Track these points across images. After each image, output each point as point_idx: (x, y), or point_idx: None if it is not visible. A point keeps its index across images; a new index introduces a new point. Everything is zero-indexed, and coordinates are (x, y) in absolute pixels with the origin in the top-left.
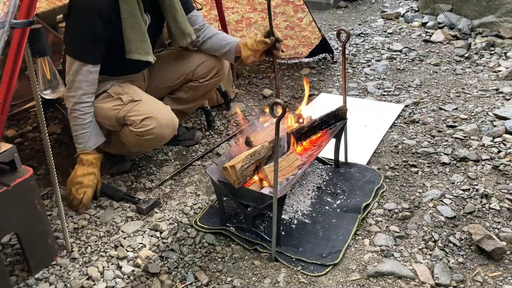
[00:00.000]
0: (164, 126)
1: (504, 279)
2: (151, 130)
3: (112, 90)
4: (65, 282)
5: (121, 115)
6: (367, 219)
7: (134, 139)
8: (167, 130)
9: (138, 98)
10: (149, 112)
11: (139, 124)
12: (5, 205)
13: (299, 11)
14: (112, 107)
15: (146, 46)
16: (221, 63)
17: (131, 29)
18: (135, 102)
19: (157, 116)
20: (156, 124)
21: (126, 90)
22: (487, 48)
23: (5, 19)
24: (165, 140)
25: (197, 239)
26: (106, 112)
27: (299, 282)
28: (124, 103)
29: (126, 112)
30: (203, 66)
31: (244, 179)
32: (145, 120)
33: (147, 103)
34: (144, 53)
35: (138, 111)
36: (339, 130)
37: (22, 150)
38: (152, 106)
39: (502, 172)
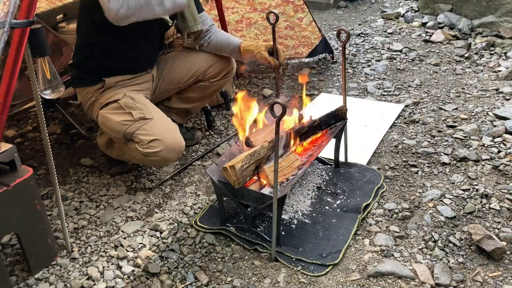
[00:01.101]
0: (171, 150)
1: (504, 279)
2: (157, 153)
3: (124, 102)
4: (65, 282)
5: (129, 132)
6: (367, 219)
7: (139, 157)
8: (173, 154)
9: (149, 117)
10: (158, 134)
11: (146, 145)
12: (5, 205)
13: (299, 11)
14: (121, 122)
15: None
16: (231, 64)
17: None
18: (146, 120)
19: (165, 140)
20: (163, 148)
21: (138, 105)
22: (487, 48)
23: (5, 19)
24: (170, 162)
25: (197, 239)
26: (115, 125)
27: (299, 282)
28: (134, 119)
29: (135, 130)
30: (215, 67)
31: (244, 179)
32: (153, 142)
33: (157, 123)
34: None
35: (147, 130)
36: (339, 130)
37: (22, 150)
38: (162, 127)
39: (502, 172)
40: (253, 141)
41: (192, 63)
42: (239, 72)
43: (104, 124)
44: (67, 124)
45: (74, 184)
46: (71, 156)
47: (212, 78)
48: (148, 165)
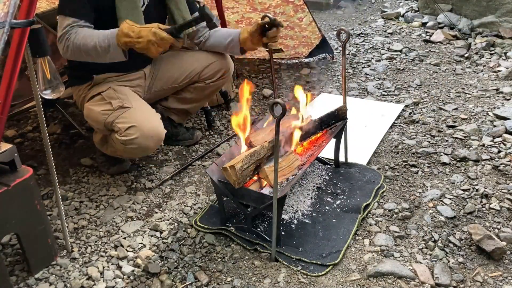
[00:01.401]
0: (148, 137)
1: (504, 279)
2: (134, 139)
3: (106, 94)
4: (65, 282)
5: (109, 121)
6: (367, 219)
7: (120, 147)
8: (150, 142)
9: (128, 105)
10: (135, 121)
11: (123, 132)
12: (5, 205)
13: (299, 11)
14: (102, 111)
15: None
16: (227, 65)
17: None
18: (124, 108)
19: (141, 126)
20: (139, 134)
21: (119, 95)
22: (487, 48)
23: (5, 19)
24: (149, 150)
25: (197, 239)
26: (96, 115)
27: (299, 282)
28: (113, 108)
29: (114, 118)
30: (210, 68)
31: (244, 179)
32: (130, 129)
33: (135, 111)
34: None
35: (125, 118)
36: (339, 130)
37: (22, 150)
38: (140, 114)
39: (502, 172)
40: (253, 141)
41: (188, 64)
42: (239, 72)
43: (88, 117)
44: (67, 124)
45: (74, 184)
46: (71, 156)
47: (207, 79)
48: (132, 156)
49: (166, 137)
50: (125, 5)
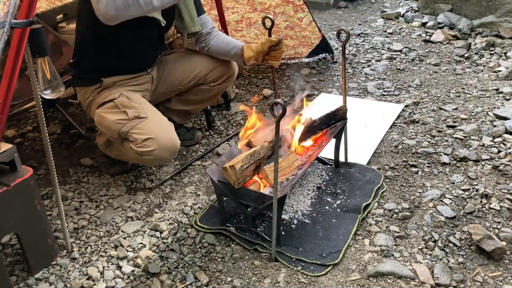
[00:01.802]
0: (165, 150)
1: (504, 279)
2: (151, 152)
3: (119, 101)
4: (65, 282)
5: (124, 130)
6: (367, 219)
7: (134, 156)
8: (167, 153)
9: (144, 115)
10: (152, 133)
11: (140, 144)
12: (5, 205)
13: (299, 11)
14: (116, 120)
15: None
16: (232, 69)
17: None
18: (140, 119)
19: (159, 139)
20: (157, 147)
21: (133, 103)
22: (487, 48)
23: (5, 19)
24: (165, 161)
25: (197, 239)
26: (110, 124)
27: (299, 282)
28: (129, 118)
29: (130, 128)
30: (216, 70)
31: (244, 179)
32: (147, 140)
33: (151, 122)
34: None
35: (141, 129)
36: (339, 130)
37: (22, 150)
38: (156, 126)
39: (502, 172)
40: (253, 141)
41: (193, 66)
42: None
43: (100, 123)
44: (67, 124)
45: (74, 184)
46: (71, 156)
47: (213, 82)
48: (145, 164)
49: None
50: None
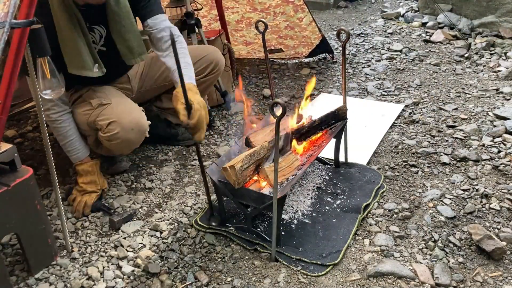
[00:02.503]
0: (129, 130)
1: (504, 279)
2: (116, 134)
3: (86, 95)
4: (65, 282)
5: (91, 120)
6: (367, 219)
7: (106, 144)
8: (132, 134)
9: (107, 102)
10: (115, 116)
11: (105, 129)
12: (5, 205)
13: (299, 11)
14: (83, 112)
15: (80, 61)
16: (217, 60)
17: (63, 42)
18: (104, 106)
19: (121, 120)
20: (120, 129)
21: (98, 94)
22: (487, 48)
23: (5, 19)
24: (133, 144)
25: (197, 239)
26: (80, 117)
27: (299, 282)
28: (93, 107)
29: (96, 117)
30: (199, 63)
31: (244, 179)
32: (110, 124)
33: (114, 106)
34: (80, 68)
35: (105, 115)
36: (339, 130)
37: (22, 150)
38: (119, 109)
39: (502, 172)
40: (253, 141)
41: None
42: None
43: (75, 119)
44: None
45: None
46: None
47: (198, 75)
48: (121, 153)
49: (165, 137)
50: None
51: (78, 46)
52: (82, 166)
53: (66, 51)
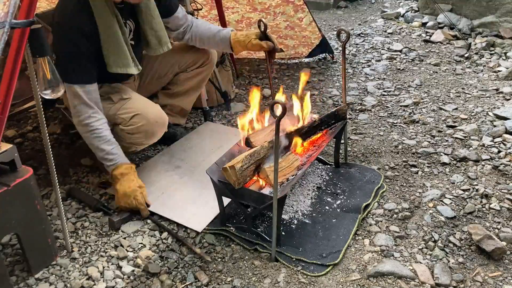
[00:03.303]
0: (153, 123)
1: (504, 279)
2: (141, 127)
3: (102, 91)
4: (65, 282)
5: (112, 113)
6: (367, 219)
7: (126, 137)
8: (156, 127)
9: (127, 96)
10: (138, 109)
11: (128, 122)
12: (5, 205)
13: (299, 11)
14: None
15: (124, 58)
16: (206, 53)
17: (108, 43)
18: (125, 100)
19: (146, 113)
20: (145, 122)
21: (116, 89)
22: (487, 48)
23: (5, 19)
24: (156, 136)
25: (197, 239)
26: None
27: (299, 282)
28: (114, 102)
29: (116, 111)
30: (188, 56)
31: (244, 179)
32: (134, 117)
33: (136, 101)
34: (123, 66)
35: (127, 109)
36: (339, 130)
37: (22, 150)
38: (141, 103)
39: (502, 172)
40: (253, 141)
41: (167, 56)
42: (239, 72)
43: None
44: (67, 124)
45: (74, 184)
46: (71, 156)
47: (189, 67)
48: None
49: (165, 138)
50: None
51: (121, 44)
52: (120, 170)
53: (111, 50)
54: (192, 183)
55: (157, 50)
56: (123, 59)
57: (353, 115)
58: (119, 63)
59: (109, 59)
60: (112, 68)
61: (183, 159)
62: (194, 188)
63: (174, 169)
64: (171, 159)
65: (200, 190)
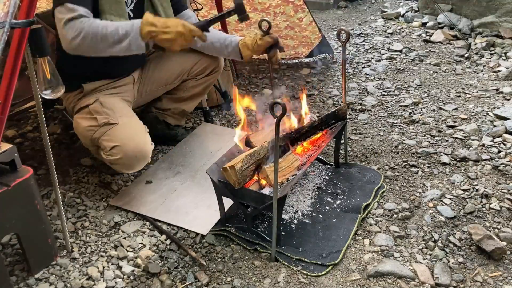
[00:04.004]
0: (132, 157)
1: (504, 279)
2: (118, 160)
3: (92, 107)
4: (65, 282)
5: (95, 137)
6: (367, 219)
7: (108, 163)
8: (135, 161)
9: (114, 122)
10: (119, 140)
11: (108, 152)
12: (5, 205)
13: (299, 11)
14: (87, 127)
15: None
16: (217, 60)
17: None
18: (110, 125)
19: (125, 146)
20: (123, 155)
21: (105, 109)
22: (487, 48)
23: (5, 19)
24: (135, 169)
25: (197, 239)
26: (82, 131)
27: (299, 282)
28: (99, 125)
29: (100, 135)
30: (199, 64)
31: (244, 179)
32: (114, 148)
33: (121, 128)
34: (117, 15)
35: (110, 136)
36: (339, 130)
37: (22, 150)
38: (125, 132)
39: (502, 172)
40: (253, 141)
41: (177, 62)
42: (239, 72)
43: (76, 130)
44: (67, 124)
45: (74, 184)
46: (71, 156)
47: (198, 75)
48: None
49: (164, 139)
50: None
51: None
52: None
53: None
54: (194, 188)
55: None
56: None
57: (353, 115)
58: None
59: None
60: (106, 15)
61: (183, 164)
62: (196, 193)
63: (175, 175)
64: (171, 165)
65: (203, 194)
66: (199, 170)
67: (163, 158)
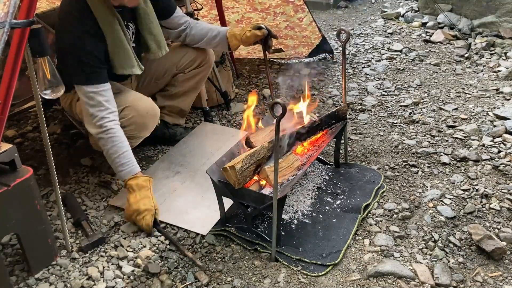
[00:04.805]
0: (144, 114)
1: (504, 279)
2: (131, 119)
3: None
4: (65, 282)
5: None
6: (367, 219)
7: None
8: (147, 118)
9: (118, 91)
10: (128, 102)
11: (119, 115)
12: (5, 205)
13: (299, 11)
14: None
15: (129, 60)
16: (204, 53)
17: (113, 46)
18: (115, 94)
19: (136, 105)
20: (136, 113)
21: None
22: (487, 48)
23: (5, 19)
24: (148, 128)
25: (197, 239)
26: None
27: (299, 282)
28: None
29: None
30: (186, 57)
31: (244, 179)
32: (125, 110)
33: (126, 94)
34: (128, 67)
35: (117, 102)
36: (339, 130)
37: (22, 150)
38: (131, 96)
39: (502, 172)
40: (253, 141)
41: (164, 57)
42: (239, 72)
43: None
44: (67, 124)
45: (74, 184)
46: (71, 156)
47: (186, 68)
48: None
49: (164, 138)
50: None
51: (126, 47)
52: (137, 181)
53: (116, 52)
54: (194, 188)
55: (156, 54)
56: (129, 61)
57: (353, 115)
58: (124, 64)
59: (115, 61)
60: (118, 70)
61: (182, 164)
62: (196, 193)
63: (174, 175)
64: (170, 165)
65: (202, 195)
66: (198, 170)
67: (162, 158)
